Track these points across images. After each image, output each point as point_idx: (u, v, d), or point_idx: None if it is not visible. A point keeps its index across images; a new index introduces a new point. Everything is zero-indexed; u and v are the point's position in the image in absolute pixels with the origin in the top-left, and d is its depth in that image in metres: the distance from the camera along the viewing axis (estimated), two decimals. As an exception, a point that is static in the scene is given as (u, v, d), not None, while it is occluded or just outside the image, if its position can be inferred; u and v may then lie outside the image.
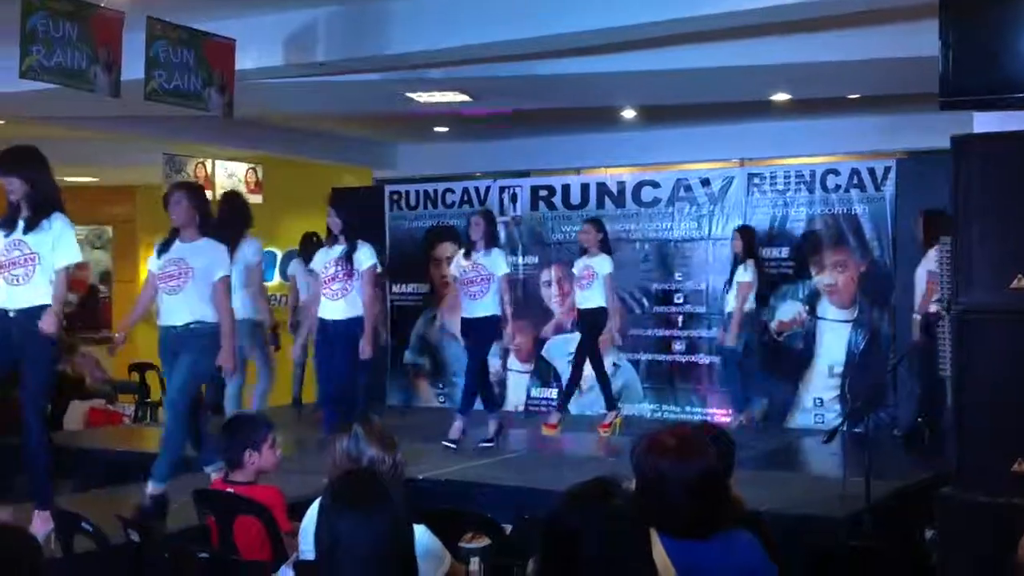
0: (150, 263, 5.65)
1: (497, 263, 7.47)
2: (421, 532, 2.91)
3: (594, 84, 8.17)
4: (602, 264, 8.09)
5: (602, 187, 9.89)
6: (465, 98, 8.72)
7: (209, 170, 11.14)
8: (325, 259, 6.76)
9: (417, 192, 10.71)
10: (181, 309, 5.45)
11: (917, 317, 7.54)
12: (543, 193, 10.14)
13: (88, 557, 4.14)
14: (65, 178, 9.83)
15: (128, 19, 6.33)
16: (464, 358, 8.03)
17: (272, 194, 11.70)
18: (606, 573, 2.15)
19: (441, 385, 10.37)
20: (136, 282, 14.48)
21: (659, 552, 2.45)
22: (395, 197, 10.74)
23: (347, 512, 2.61)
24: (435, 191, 10.63)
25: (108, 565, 4.10)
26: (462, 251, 7.69)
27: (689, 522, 2.61)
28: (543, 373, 9.94)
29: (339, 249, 6.59)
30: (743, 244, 8.37)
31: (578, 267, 8.28)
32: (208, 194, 7.05)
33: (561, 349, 9.72)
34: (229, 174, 11.27)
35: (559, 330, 9.74)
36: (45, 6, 5.81)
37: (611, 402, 8.39)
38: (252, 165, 11.60)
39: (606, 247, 8.23)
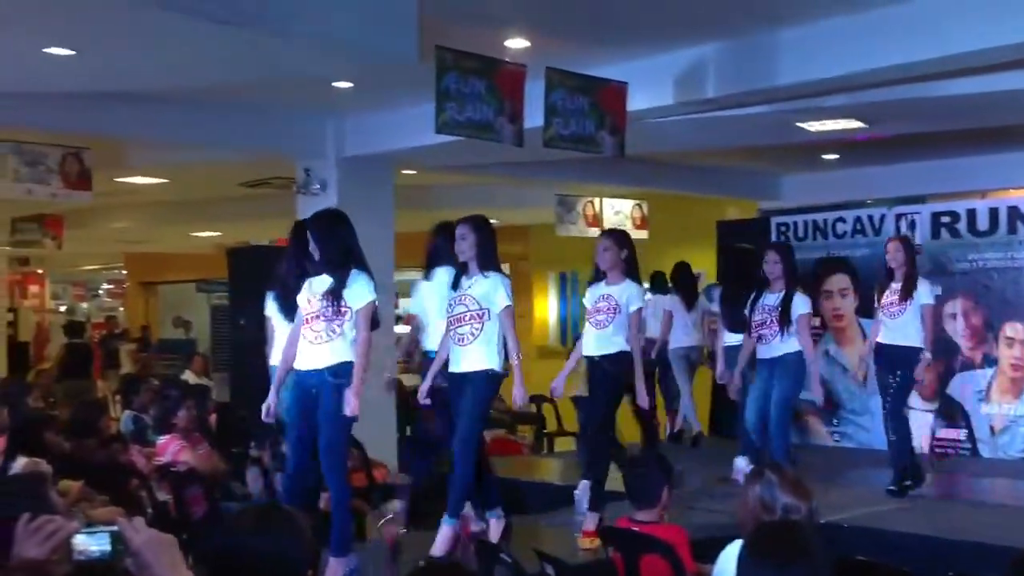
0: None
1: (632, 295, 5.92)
2: (840, 587, 2.80)
3: (1004, 102, 7.53)
4: (629, 294, 5.85)
5: (1014, 211, 9.09)
6: (860, 124, 8.38)
7: (597, 208, 11.53)
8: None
9: (805, 222, 10.40)
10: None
11: (928, 356, 6.96)
12: (945, 219, 9.49)
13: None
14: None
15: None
16: (860, 395, 7.57)
17: (657, 229, 11.87)
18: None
19: (835, 422, 9.98)
20: (529, 317, 15.23)
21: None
22: (782, 229, 10.50)
23: (766, 565, 2.59)
24: (824, 221, 10.27)
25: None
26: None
27: None
28: (949, 412, 9.28)
29: (327, 282, 5.05)
30: None
31: (590, 297, 6.03)
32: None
33: (970, 386, 9.04)
34: (616, 211, 11.60)
35: (967, 366, 9.05)
36: (457, 66, 6.23)
37: (596, 503, 5.74)
38: (637, 202, 11.87)
39: (633, 271, 5.96)
